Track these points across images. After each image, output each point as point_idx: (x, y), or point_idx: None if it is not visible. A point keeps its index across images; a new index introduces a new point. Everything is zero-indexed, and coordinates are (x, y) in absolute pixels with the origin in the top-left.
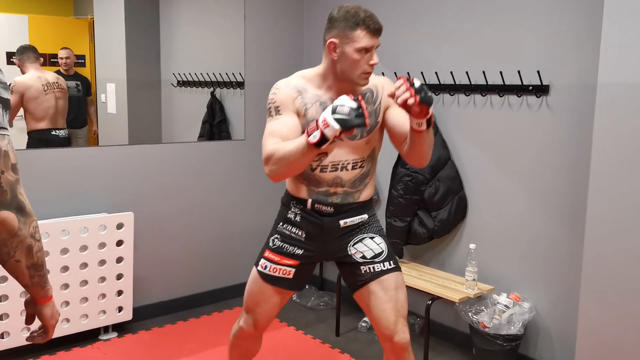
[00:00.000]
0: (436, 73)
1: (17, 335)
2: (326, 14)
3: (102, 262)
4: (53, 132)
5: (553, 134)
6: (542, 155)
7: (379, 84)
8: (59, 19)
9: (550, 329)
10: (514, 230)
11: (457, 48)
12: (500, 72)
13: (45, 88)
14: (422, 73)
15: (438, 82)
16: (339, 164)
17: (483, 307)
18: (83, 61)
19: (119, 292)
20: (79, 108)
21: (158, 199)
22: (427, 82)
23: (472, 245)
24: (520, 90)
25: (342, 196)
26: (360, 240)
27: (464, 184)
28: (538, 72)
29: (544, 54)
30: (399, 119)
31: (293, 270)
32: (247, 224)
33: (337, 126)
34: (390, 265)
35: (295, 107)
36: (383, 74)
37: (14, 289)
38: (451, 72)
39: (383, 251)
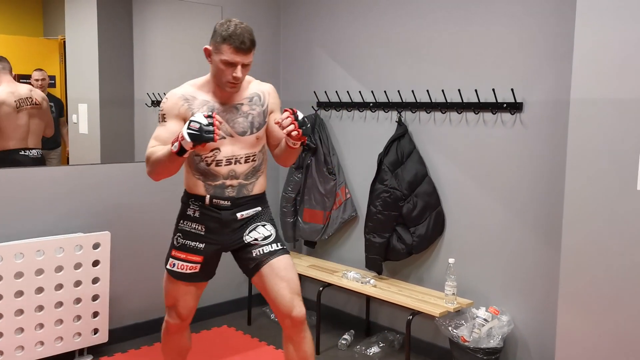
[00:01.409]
0: (412, 91)
1: None
2: (302, 30)
3: (78, 283)
4: (22, 153)
5: (527, 150)
6: (517, 170)
7: (265, 90)
8: (28, 39)
9: (529, 341)
10: (492, 244)
11: (433, 67)
12: (476, 90)
13: (18, 105)
14: (399, 92)
15: (415, 100)
16: (232, 158)
17: (462, 321)
18: (53, 82)
19: (95, 314)
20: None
21: (134, 218)
22: (404, 100)
23: (451, 260)
24: (495, 107)
25: (237, 189)
26: (254, 229)
27: (441, 199)
28: (512, 90)
29: (517, 73)
30: (277, 127)
31: (199, 265)
32: None
33: (189, 139)
34: (277, 246)
35: (181, 113)
36: (360, 92)
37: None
38: (427, 91)
39: (271, 234)
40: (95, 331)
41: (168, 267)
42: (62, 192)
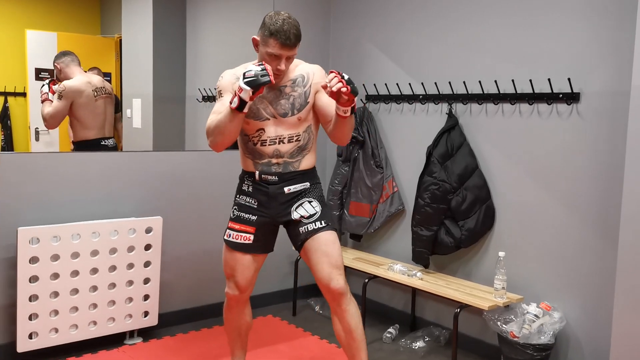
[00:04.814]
0: (464, 82)
1: (46, 336)
2: (352, 22)
3: (131, 266)
4: (102, 142)
5: (583, 141)
6: (572, 162)
7: (310, 70)
8: (86, 37)
9: (582, 339)
10: (544, 239)
11: (486, 57)
12: (530, 81)
13: (95, 94)
14: (450, 83)
15: (466, 92)
16: (276, 139)
17: (512, 317)
18: (109, 78)
19: (146, 297)
20: None
21: (186, 205)
22: (455, 92)
23: (501, 253)
24: (550, 98)
25: (283, 165)
26: (301, 205)
27: (491, 192)
28: (569, 79)
29: (574, 62)
30: (327, 102)
31: (251, 236)
32: None
33: (247, 87)
34: (321, 224)
35: (235, 89)
36: (410, 84)
37: (43, 290)
38: (479, 82)
39: (317, 212)
40: (146, 314)
41: (225, 237)
42: (117, 177)
